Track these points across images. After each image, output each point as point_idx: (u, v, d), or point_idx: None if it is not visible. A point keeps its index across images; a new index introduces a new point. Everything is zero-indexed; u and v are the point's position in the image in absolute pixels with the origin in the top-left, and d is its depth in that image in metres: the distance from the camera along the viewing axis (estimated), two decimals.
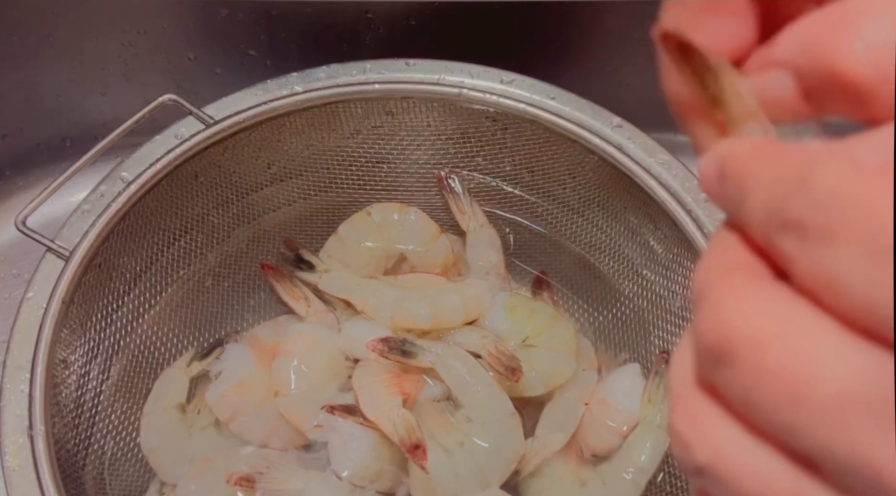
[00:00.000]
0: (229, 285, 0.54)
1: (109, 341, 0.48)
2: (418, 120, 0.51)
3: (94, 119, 0.61)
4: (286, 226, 0.54)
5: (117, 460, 0.47)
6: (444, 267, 0.53)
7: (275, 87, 0.48)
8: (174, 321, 0.51)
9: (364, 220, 0.53)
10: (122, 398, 0.48)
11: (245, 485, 0.44)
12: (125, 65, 0.58)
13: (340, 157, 0.53)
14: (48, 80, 0.58)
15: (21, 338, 0.41)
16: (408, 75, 0.48)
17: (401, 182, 0.54)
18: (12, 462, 0.38)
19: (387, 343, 0.47)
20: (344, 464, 0.45)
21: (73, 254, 0.43)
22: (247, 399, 0.48)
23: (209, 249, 0.53)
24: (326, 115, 0.49)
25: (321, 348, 0.49)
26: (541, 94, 0.47)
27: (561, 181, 0.51)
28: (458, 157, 0.53)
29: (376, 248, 0.53)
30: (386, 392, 0.46)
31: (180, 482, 0.46)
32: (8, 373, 0.40)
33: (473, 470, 0.45)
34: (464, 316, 0.50)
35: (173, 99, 0.45)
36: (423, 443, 0.43)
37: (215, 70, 0.58)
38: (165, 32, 0.57)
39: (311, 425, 0.47)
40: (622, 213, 0.49)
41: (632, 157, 0.45)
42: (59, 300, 0.42)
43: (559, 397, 0.49)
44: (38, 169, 0.62)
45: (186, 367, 0.50)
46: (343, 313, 0.52)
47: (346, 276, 0.52)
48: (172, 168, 0.46)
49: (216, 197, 0.51)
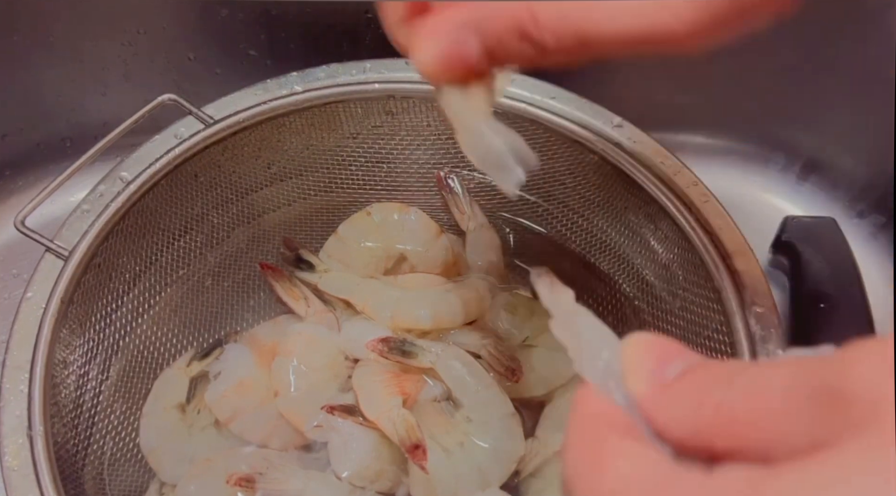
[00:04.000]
0: (229, 285, 0.54)
1: (109, 341, 0.47)
2: (418, 120, 0.51)
3: (93, 119, 0.61)
4: (286, 226, 0.54)
5: (117, 460, 0.47)
6: (444, 267, 0.53)
7: (274, 86, 0.48)
8: (174, 321, 0.51)
9: (364, 220, 0.53)
10: (121, 398, 0.48)
11: (245, 486, 0.44)
12: (125, 64, 0.58)
13: (340, 157, 0.53)
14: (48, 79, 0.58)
15: (20, 338, 0.41)
16: (408, 75, 0.48)
17: (401, 182, 0.54)
18: (11, 462, 0.38)
19: (386, 343, 0.47)
20: (344, 465, 0.45)
21: (73, 254, 0.43)
22: (246, 399, 0.48)
23: (209, 249, 0.53)
24: (326, 114, 0.49)
25: (321, 348, 0.49)
26: (541, 94, 0.47)
27: (561, 181, 0.51)
28: (458, 157, 0.53)
29: (376, 248, 0.53)
30: (386, 392, 0.46)
31: (180, 482, 0.46)
32: (7, 373, 0.40)
33: (473, 470, 0.44)
34: (464, 316, 0.49)
35: (173, 98, 0.45)
36: (423, 444, 0.43)
37: (215, 70, 0.58)
38: (165, 32, 0.56)
39: (310, 425, 0.47)
40: (622, 212, 0.49)
41: (632, 157, 0.45)
42: (59, 300, 0.42)
43: (559, 397, 0.49)
44: (38, 169, 0.62)
45: (186, 367, 0.50)
46: (343, 313, 0.52)
47: (345, 276, 0.52)
48: (172, 168, 0.46)
49: (216, 197, 0.51)
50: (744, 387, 0.18)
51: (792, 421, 0.17)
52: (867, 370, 0.16)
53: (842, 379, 0.17)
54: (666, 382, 0.20)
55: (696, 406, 0.19)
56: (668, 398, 0.20)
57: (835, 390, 0.17)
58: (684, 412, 0.19)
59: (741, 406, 0.18)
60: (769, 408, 0.17)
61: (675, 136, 0.62)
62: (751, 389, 0.18)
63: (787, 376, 0.18)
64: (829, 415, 0.17)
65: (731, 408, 0.18)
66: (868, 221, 0.61)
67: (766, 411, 0.18)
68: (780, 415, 0.17)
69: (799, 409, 0.17)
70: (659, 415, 0.20)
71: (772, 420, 0.17)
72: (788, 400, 0.17)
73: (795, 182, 0.63)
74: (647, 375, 0.20)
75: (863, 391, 0.16)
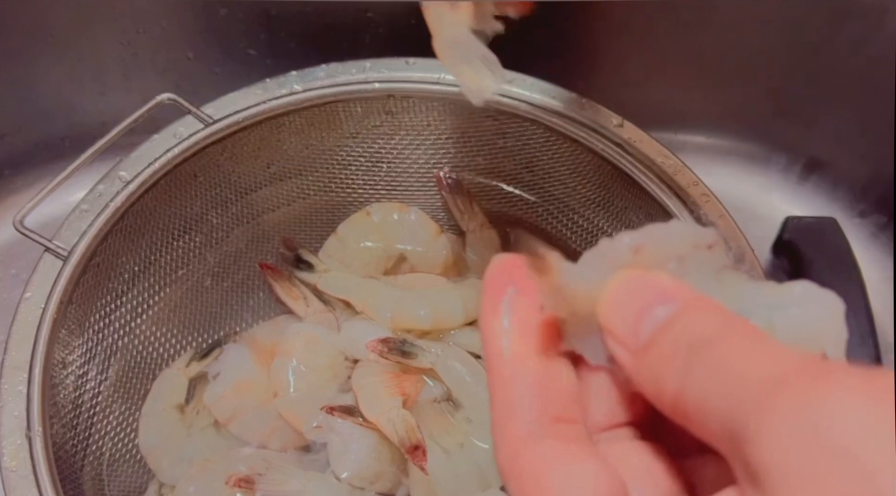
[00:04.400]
0: (228, 285, 0.54)
1: (108, 341, 0.47)
2: (418, 120, 0.50)
3: (92, 118, 0.60)
4: (285, 225, 0.54)
5: (116, 461, 0.47)
6: (444, 267, 0.53)
7: (274, 86, 0.47)
8: (173, 321, 0.51)
9: (364, 220, 0.53)
10: (120, 399, 0.48)
11: (244, 487, 0.44)
12: (124, 64, 0.58)
13: (340, 157, 0.53)
14: (46, 79, 0.58)
15: (19, 339, 0.40)
16: (408, 74, 0.48)
17: (401, 182, 0.54)
18: (10, 463, 0.38)
19: (386, 343, 0.47)
20: (343, 466, 0.45)
21: (72, 254, 0.42)
22: (246, 400, 0.48)
23: (208, 249, 0.53)
24: (326, 114, 0.49)
25: (320, 348, 0.49)
26: (541, 94, 0.47)
27: (561, 181, 0.51)
28: (458, 157, 0.53)
29: (376, 248, 0.53)
30: (386, 392, 0.46)
31: (179, 483, 0.46)
32: (6, 373, 0.40)
33: (473, 471, 0.44)
34: (464, 316, 0.49)
35: (172, 98, 0.45)
36: (423, 444, 0.43)
37: (214, 69, 0.58)
38: (164, 31, 0.56)
39: (310, 426, 0.46)
40: (623, 212, 0.49)
41: (632, 157, 0.45)
42: (58, 300, 0.42)
43: None
44: (37, 168, 0.62)
45: (185, 368, 0.50)
46: (342, 313, 0.51)
47: (345, 276, 0.52)
48: (171, 167, 0.46)
49: (215, 196, 0.51)
50: (706, 370, 0.17)
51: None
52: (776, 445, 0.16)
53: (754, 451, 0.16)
54: (641, 344, 0.19)
55: (661, 383, 0.18)
56: (642, 367, 0.19)
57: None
58: (656, 386, 0.19)
59: (693, 403, 0.18)
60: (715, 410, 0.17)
61: (675, 136, 0.62)
62: (712, 375, 0.17)
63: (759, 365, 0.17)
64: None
65: (685, 402, 0.18)
66: (869, 221, 0.61)
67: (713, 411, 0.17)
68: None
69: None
70: (639, 382, 0.19)
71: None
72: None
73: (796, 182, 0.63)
74: (625, 332, 0.19)
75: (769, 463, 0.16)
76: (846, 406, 0.15)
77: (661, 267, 0.20)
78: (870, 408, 0.15)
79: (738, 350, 0.17)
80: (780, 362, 0.17)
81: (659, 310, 0.19)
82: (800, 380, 0.16)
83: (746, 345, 0.17)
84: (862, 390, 0.15)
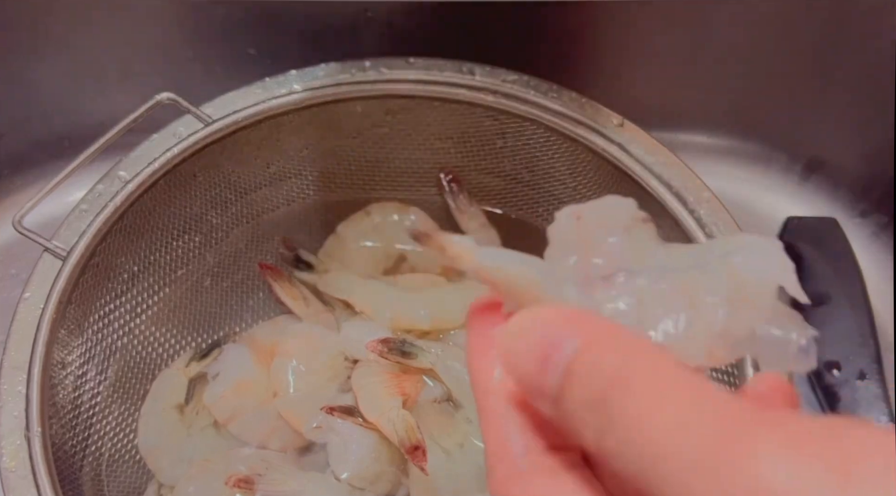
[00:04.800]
0: (228, 285, 0.53)
1: (107, 342, 0.47)
2: (418, 120, 0.50)
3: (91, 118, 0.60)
4: (285, 225, 0.54)
5: (115, 461, 0.47)
6: (443, 267, 0.53)
7: (273, 85, 0.47)
8: (172, 321, 0.51)
9: (363, 220, 0.53)
10: (119, 399, 0.48)
11: (244, 487, 0.44)
12: (123, 63, 0.58)
13: (340, 157, 0.52)
14: (45, 78, 0.58)
15: (18, 339, 0.40)
16: (408, 74, 0.48)
17: (401, 182, 0.54)
18: (9, 463, 0.38)
19: (386, 344, 0.46)
20: (343, 466, 0.45)
21: (71, 254, 0.42)
22: (245, 400, 0.48)
23: (207, 249, 0.52)
24: (326, 114, 0.49)
25: (320, 349, 0.49)
26: (541, 94, 0.47)
27: (561, 181, 0.51)
28: (458, 157, 0.53)
29: (376, 248, 0.53)
30: (385, 393, 0.46)
31: (179, 483, 0.46)
32: (5, 373, 0.40)
33: (473, 471, 0.44)
34: (463, 316, 0.49)
35: (171, 97, 0.45)
36: (423, 445, 0.43)
37: (214, 68, 0.58)
38: (163, 31, 0.56)
39: (310, 426, 0.46)
40: None
41: (633, 157, 0.45)
42: (57, 300, 0.41)
43: None
44: (36, 168, 0.62)
45: (185, 368, 0.50)
46: (342, 313, 0.51)
47: (345, 277, 0.52)
48: (171, 167, 0.46)
49: (215, 196, 0.51)
50: (615, 433, 0.16)
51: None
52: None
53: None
54: (554, 393, 0.18)
55: (580, 437, 0.17)
56: (561, 417, 0.18)
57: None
58: (578, 437, 0.18)
59: (613, 462, 0.17)
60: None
61: (675, 136, 0.62)
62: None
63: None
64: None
65: (606, 460, 0.17)
66: (870, 221, 0.61)
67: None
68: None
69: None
70: (563, 430, 0.18)
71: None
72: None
73: (797, 182, 0.63)
74: (537, 384, 0.18)
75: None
76: (776, 474, 0.14)
77: (608, 235, 0.21)
78: (802, 475, 0.14)
79: (639, 407, 0.16)
80: (685, 423, 0.16)
81: (566, 345, 0.18)
82: (709, 457, 0.15)
83: (646, 400, 0.16)
84: (786, 454, 0.14)
